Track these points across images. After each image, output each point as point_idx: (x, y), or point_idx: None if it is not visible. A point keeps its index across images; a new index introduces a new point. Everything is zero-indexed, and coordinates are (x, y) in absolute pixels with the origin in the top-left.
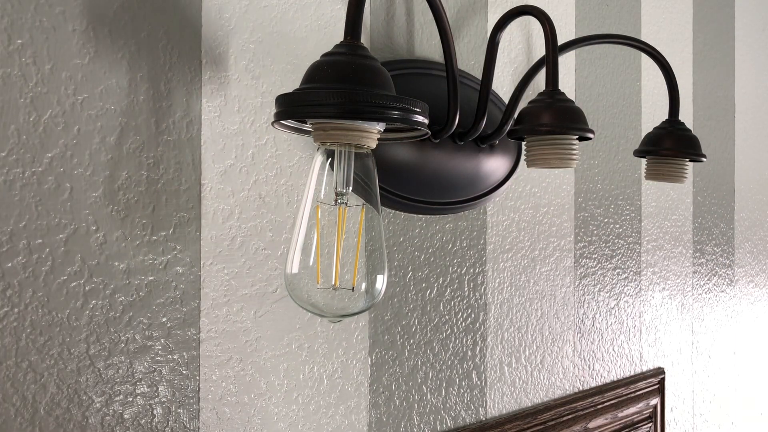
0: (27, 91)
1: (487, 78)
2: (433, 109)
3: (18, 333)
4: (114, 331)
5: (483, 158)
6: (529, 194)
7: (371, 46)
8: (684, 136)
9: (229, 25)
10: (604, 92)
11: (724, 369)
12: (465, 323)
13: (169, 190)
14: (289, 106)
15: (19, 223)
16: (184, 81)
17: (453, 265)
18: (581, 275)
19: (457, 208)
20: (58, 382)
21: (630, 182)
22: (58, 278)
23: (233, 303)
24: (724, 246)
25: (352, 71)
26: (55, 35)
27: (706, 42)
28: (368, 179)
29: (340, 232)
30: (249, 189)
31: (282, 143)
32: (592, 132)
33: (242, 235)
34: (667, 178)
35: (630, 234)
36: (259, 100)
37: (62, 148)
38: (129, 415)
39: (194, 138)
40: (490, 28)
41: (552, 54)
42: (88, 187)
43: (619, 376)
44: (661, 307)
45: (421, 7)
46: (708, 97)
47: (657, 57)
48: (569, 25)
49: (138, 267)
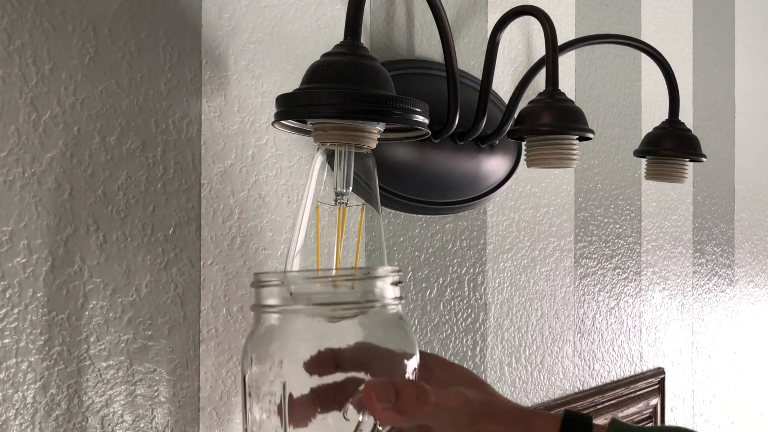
0: (27, 91)
1: (487, 78)
2: (433, 109)
3: (18, 333)
4: (114, 331)
5: (483, 158)
6: (529, 194)
7: (371, 46)
8: (684, 136)
9: (229, 25)
10: (604, 92)
11: (724, 369)
12: (465, 323)
13: (169, 190)
14: (290, 106)
15: (19, 223)
16: (184, 81)
17: (453, 265)
18: (581, 275)
19: (457, 208)
20: (58, 382)
21: (630, 182)
22: (58, 278)
23: (233, 303)
24: (724, 246)
25: (352, 71)
26: (55, 35)
27: (706, 42)
28: (368, 179)
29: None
30: (249, 189)
31: (282, 143)
32: (592, 132)
33: (242, 235)
34: (667, 178)
35: (630, 234)
36: (259, 100)
37: (62, 148)
38: (129, 415)
39: (194, 138)
40: (490, 28)
41: (552, 54)
42: (88, 187)
43: (619, 376)
44: (661, 307)
45: (421, 7)
46: (708, 97)
47: (657, 57)
48: (569, 25)
49: (138, 267)
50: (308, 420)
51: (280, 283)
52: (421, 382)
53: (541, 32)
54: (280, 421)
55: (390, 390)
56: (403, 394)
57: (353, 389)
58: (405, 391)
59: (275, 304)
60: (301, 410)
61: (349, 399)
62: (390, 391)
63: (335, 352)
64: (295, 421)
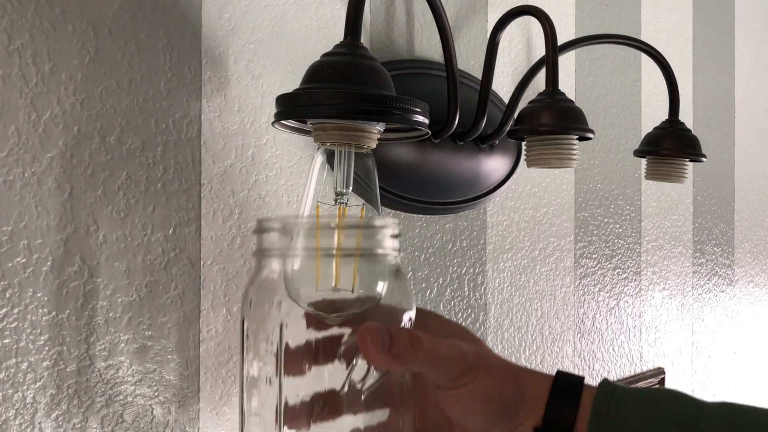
0: (27, 91)
1: (487, 78)
2: (433, 109)
3: (18, 333)
4: (114, 331)
5: (483, 158)
6: (529, 194)
7: (371, 46)
8: (684, 136)
9: (229, 25)
10: (604, 92)
11: (724, 369)
12: (465, 323)
13: (169, 190)
14: (290, 106)
15: (19, 223)
16: (184, 81)
17: (453, 265)
18: (581, 275)
19: (457, 208)
20: (58, 382)
21: (630, 182)
22: (58, 278)
23: (233, 303)
24: (724, 246)
25: (352, 71)
26: (55, 35)
27: (706, 42)
28: (368, 179)
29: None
30: (249, 189)
31: (282, 143)
32: (592, 132)
33: (242, 235)
34: (667, 178)
35: (630, 234)
36: (259, 100)
37: (62, 148)
38: (129, 415)
39: (194, 138)
40: (490, 28)
41: (552, 54)
42: (88, 187)
43: (619, 376)
44: (661, 307)
45: (421, 7)
46: (708, 97)
47: (657, 57)
48: (569, 25)
49: (138, 267)
50: (304, 369)
51: (282, 228)
52: (416, 330)
53: (541, 32)
54: (275, 368)
55: (384, 334)
56: (397, 339)
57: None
58: (399, 336)
59: (277, 248)
60: (297, 359)
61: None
62: (384, 335)
63: (333, 303)
64: (291, 370)
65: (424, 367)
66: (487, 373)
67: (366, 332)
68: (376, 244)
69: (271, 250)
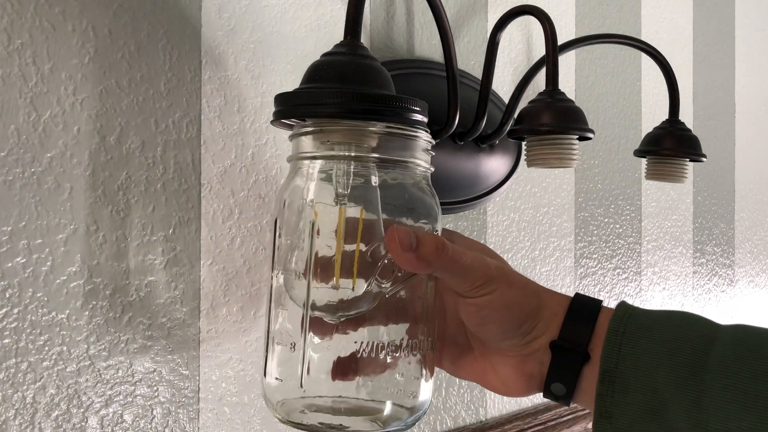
0: (27, 91)
1: (487, 78)
2: (433, 109)
3: (18, 333)
4: (114, 331)
5: (483, 158)
6: (529, 194)
7: (371, 46)
8: (684, 136)
9: (228, 25)
10: (604, 92)
11: None
12: None
13: (169, 190)
14: (289, 105)
15: (19, 223)
16: (184, 81)
17: None
18: (581, 275)
19: (457, 208)
20: (58, 382)
21: (630, 182)
22: (58, 278)
23: (233, 303)
24: (724, 246)
25: (352, 71)
26: (55, 35)
27: (706, 42)
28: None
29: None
30: (249, 189)
31: (282, 143)
32: (592, 132)
33: (242, 235)
34: (667, 178)
35: (630, 234)
36: (259, 100)
37: (62, 148)
38: (129, 415)
39: (194, 138)
40: (490, 28)
41: (552, 54)
42: (88, 187)
43: None
44: (661, 307)
45: (421, 7)
46: (708, 97)
47: (657, 57)
48: (569, 25)
49: (138, 267)
50: (331, 276)
51: (320, 131)
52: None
53: (541, 32)
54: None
55: (412, 236)
56: (423, 242)
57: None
58: (425, 240)
59: (312, 151)
60: (325, 269)
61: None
62: (412, 237)
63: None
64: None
65: (447, 273)
66: (509, 286)
67: (395, 232)
68: (410, 154)
69: (305, 153)
